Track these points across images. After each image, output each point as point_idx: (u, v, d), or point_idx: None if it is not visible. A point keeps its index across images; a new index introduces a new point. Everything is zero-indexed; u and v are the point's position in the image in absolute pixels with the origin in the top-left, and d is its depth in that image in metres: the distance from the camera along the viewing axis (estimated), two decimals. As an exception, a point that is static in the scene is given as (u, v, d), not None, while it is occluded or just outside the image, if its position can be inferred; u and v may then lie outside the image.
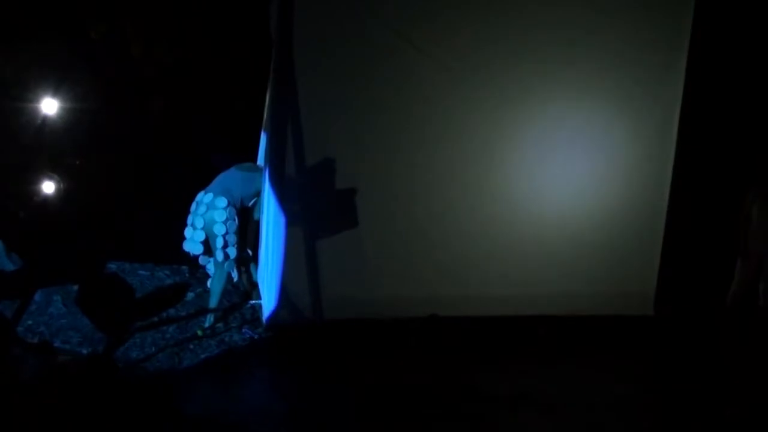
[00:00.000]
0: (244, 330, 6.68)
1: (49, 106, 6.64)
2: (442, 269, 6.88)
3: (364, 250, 6.72)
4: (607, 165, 7.06)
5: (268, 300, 6.69)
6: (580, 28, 6.82)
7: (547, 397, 5.79)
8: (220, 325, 6.71)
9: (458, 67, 6.69)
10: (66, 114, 6.65)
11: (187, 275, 7.65)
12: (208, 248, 6.70)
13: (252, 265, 7.26)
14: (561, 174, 6.98)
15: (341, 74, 6.53)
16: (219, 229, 6.56)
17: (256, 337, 6.59)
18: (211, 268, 6.84)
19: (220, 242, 6.58)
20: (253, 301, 7.11)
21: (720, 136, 7.54)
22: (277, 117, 6.54)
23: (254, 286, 7.21)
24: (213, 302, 6.76)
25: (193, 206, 6.68)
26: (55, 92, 6.67)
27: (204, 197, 6.64)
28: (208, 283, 6.92)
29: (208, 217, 6.57)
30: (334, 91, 6.53)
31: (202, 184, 6.85)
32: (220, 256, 6.62)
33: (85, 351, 6.02)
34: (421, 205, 6.78)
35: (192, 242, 6.66)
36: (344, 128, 6.59)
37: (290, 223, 6.58)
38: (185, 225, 6.71)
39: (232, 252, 6.66)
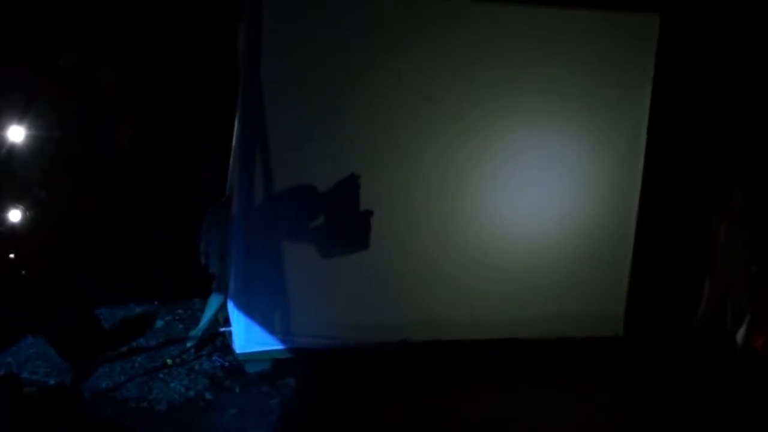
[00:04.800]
0: (214, 358, 6.89)
1: (16, 133, 6.76)
2: (412, 294, 7.16)
3: (334, 277, 6.97)
4: (574, 189, 7.39)
5: (238, 328, 6.90)
6: (548, 54, 7.14)
7: (519, 420, 6.08)
8: (190, 353, 6.90)
9: (427, 92, 6.96)
10: (33, 142, 6.79)
11: (156, 303, 7.82)
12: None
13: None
14: (529, 199, 7.29)
15: (309, 99, 6.76)
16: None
17: (226, 365, 6.79)
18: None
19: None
20: (223, 329, 7.29)
21: (687, 158, 7.84)
22: (246, 142, 6.78)
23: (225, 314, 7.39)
24: (205, 318, 7.07)
25: (209, 219, 6.98)
26: (22, 120, 6.79)
27: (221, 215, 6.95)
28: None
29: (223, 235, 6.90)
30: (303, 116, 6.77)
31: (174, 210, 7.08)
32: (229, 275, 6.92)
33: (52, 381, 6.19)
34: (391, 231, 7.04)
35: (204, 257, 7.03)
36: (313, 154, 6.84)
37: (259, 251, 6.82)
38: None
39: None
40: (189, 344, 7.01)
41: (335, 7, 6.74)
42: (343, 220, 7.02)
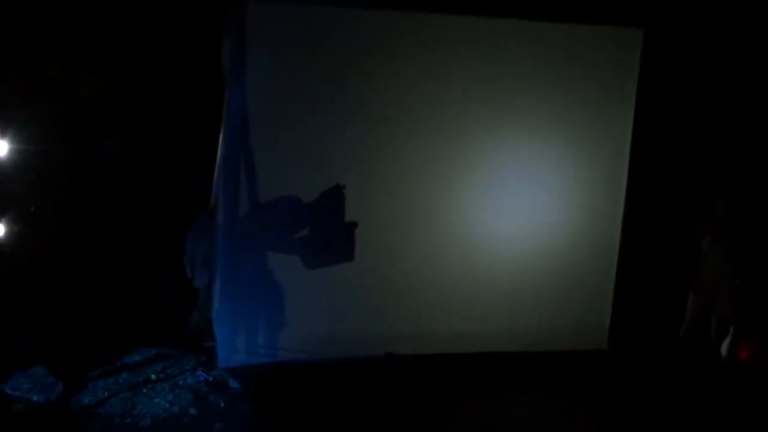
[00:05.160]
0: (198, 372, 6.88)
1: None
2: (397, 307, 7.22)
3: (319, 289, 7.02)
4: (559, 201, 7.46)
5: (222, 341, 6.91)
6: (531, 63, 7.24)
7: (506, 430, 6.12)
8: (174, 367, 6.90)
9: (413, 103, 7.06)
10: (16, 156, 6.77)
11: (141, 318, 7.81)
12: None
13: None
14: (514, 211, 7.36)
15: (295, 108, 6.83)
16: None
17: (210, 379, 6.78)
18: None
19: None
20: (208, 343, 7.29)
21: (671, 170, 7.91)
22: (231, 151, 6.82)
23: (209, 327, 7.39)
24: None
25: (195, 229, 7.02)
26: (4, 133, 6.77)
27: (207, 226, 7.01)
28: None
29: (210, 246, 6.98)
30: (288, 125, 6.84)
31: (157, 226, 7.12)
32: (215, 288, 6.99)
33: (35, 397, 6.16)
34: (375, 243, 7.09)
35: (190, 269, 7.06)
36: (299, 164, 6.90)
37: (243, 263, 6.85)
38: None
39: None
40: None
41: (323, 16, 6.79)
42: (328, 231, 7.06)
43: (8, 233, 6.67)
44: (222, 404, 6.40)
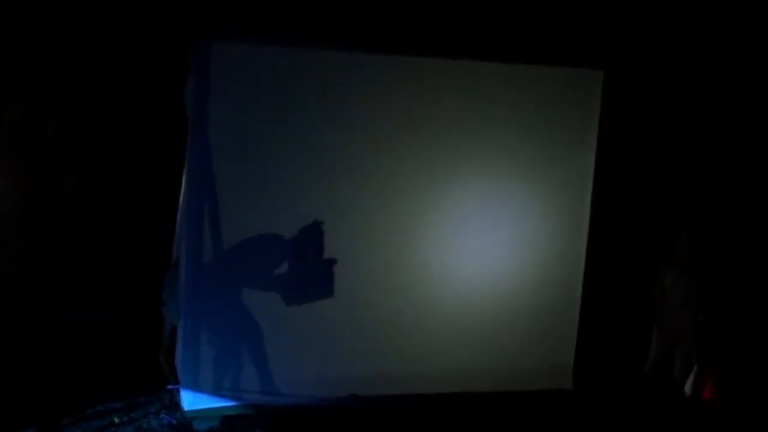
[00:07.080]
0: (162, 416, 6.94)
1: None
2: (360, 348, 7.31)
3: (282, 332, 7.11)
4: (522, 241, 7.61)
5: (186, 384, 6.99)
6: (495, 108, 7.41)
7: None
8: (137, 411, 6.96)
9: (376, 144, 7.21)
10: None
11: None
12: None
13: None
14: (477, 251, 7.50)
15: (259, 152, 6.95)
16: None
17: (174, 422, 6.85)
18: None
19: None
20: (171, 386, 7.36)
21: (633, 208, 8.03)
22: (193, 200, 6.91)
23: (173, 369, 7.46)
24: None
25: (169, 279, 7.11)
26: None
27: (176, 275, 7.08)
28: None
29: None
30: (251, 174, 6.95)
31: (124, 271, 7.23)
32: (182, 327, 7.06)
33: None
34: (337, 284, 7.19)
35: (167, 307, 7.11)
36: (262, 211, 7.01)
37: (208, 305, 6.96)
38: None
39: None
40: None
41: (289, 58, 6.93)
42: (294, 273, 7.15)
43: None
44: (185, 448, 6.49)
